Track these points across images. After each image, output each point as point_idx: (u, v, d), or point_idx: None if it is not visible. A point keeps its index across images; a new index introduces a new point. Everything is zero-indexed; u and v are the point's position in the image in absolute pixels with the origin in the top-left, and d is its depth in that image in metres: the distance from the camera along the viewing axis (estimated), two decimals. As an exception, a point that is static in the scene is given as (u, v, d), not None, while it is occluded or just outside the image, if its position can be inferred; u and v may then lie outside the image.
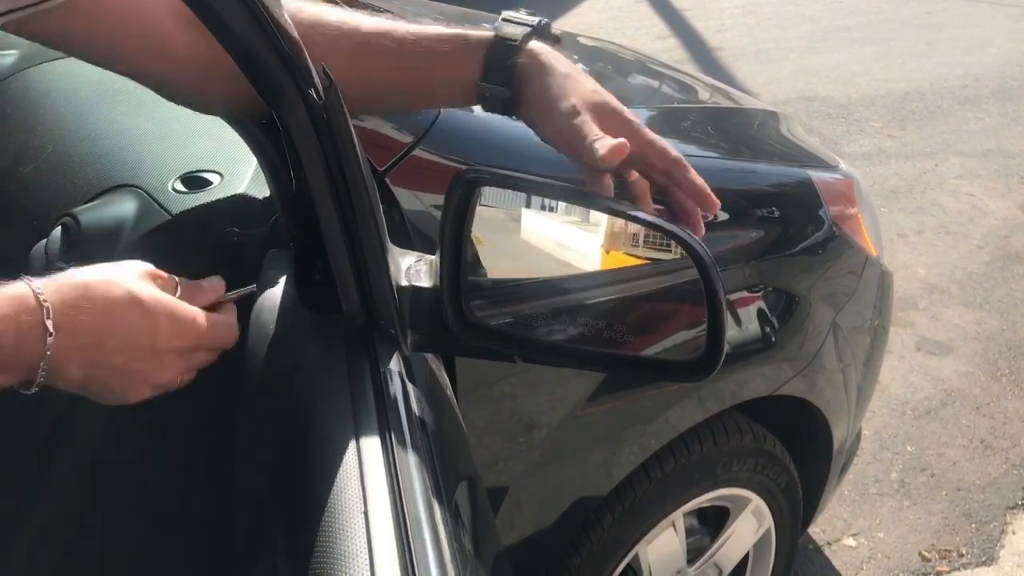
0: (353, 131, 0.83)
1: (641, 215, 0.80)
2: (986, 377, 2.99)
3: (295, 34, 0.73)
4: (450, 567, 0.65)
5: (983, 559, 2.31)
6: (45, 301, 0.64)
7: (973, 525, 2.41)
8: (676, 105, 1.96)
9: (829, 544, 2.33)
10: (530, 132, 1.34)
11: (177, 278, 0.78)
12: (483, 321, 0.97)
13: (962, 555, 2.32)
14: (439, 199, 0.91)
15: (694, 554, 1.74)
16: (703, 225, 0.86)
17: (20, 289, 0.64)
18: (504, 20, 0.91)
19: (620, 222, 0.87)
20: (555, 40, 0.94)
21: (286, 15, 0.75)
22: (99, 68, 1.56)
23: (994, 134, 5.01)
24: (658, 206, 0.88)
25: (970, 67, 6.06)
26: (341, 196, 0.82)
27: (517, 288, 1.08)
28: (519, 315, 1.00)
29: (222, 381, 0.90)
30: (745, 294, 1.50)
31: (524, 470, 1.31)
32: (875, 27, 7.05)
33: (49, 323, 0.64)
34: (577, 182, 0.88)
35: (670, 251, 0.82)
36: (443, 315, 0.91)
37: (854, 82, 5.74)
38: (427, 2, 2.45)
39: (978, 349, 3.13)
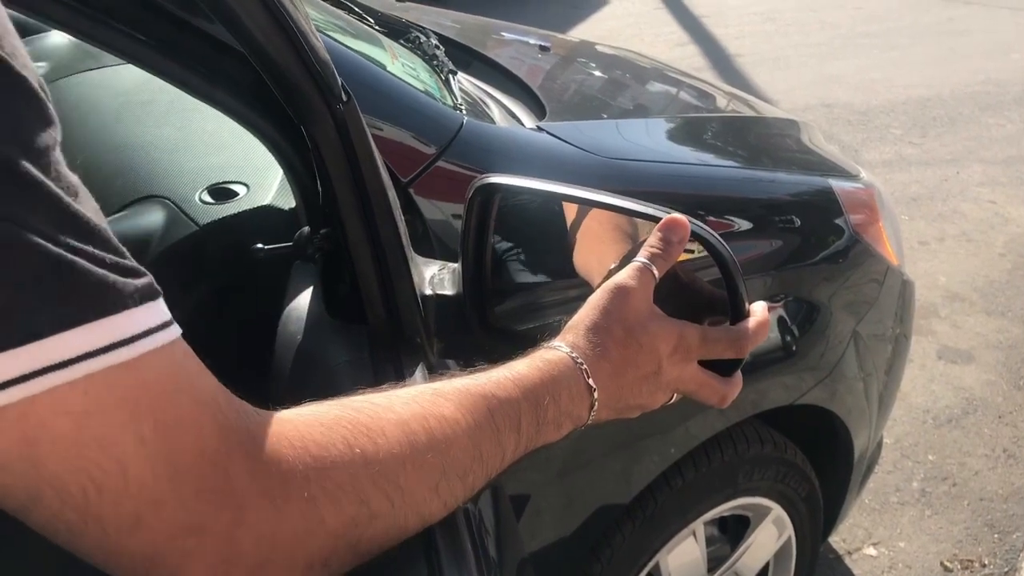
0: (373, 145, 0.84)
1: (656, 213, 0.80)
2: (1008, 386, 2.97)
3: (325, 54, 0.75)
4: (475, 573, 0.66)
5: (1005, 569, 2.29)
6: (582, 364, 0.70)
7: (996, 535, 2.39)
8: (695, 114, 1.97)
9: (850, 553, 2.32)
10: (550, 142, 1.36)
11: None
12: (508, 326, 0.99)
13: (984, 565, 2.30)
14: (462, 209, 0.92)
15: (715, 563, 1.74)
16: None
17: (559, 355, 0.70)
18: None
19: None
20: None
21: (316, 32, 0.77)
22: (127, 80, 1.59)
23: (1016, 141, 4.97)
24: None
25: (991, 73, 6.03)
26: (366, 208, 0.84)
27: (541, 292, 1.09)
28: (544, 319, 1.01)
29: (248, 390, 0.91)
30: (766, 303, 1.50)
31: (545, 479, 1.32)
32: (895, 33, 7.02)
33: (591, 381, 0.70)
34: (589, 186, 0.89)
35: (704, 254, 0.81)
36: (467, 322, 0.92)
37: (874, 89, 5.72)
38: (442, 11, 2.47)
39: (1000, 358, 3.11)
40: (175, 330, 0.47)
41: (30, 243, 0.40)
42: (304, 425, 0.53)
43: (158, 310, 0.46)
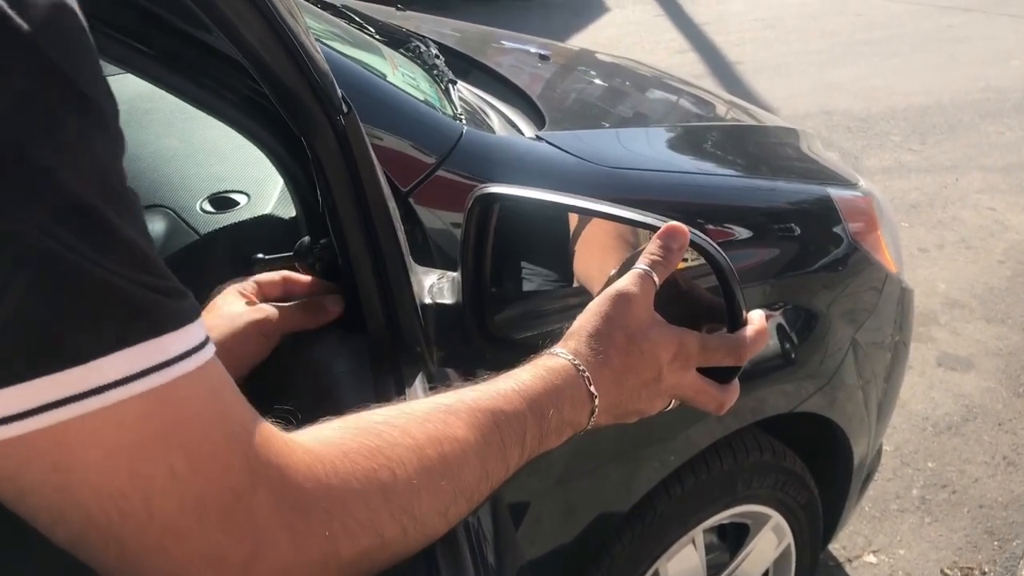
0: (373, 155, 0.85)
1: (654, 222, 0.81)
2: (1008, 393, 2.97)
3: (325, 65, 0.76)
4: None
5: (1006, 577, 2.30)
6: (584, 371, 0.70)
7: (995, 543, 2.39)
8: (695, 123, 1.97)
9: (849, 561, 2.32)
10: (549, 151, 1.36)
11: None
12: (507, 335, 0.99)
13: (984, 573, 2.30)
14: (462, 218, 0.93)
15: (714, 570, 1.74)
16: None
17: (562, 363, 0.71)
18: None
19: None
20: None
21: (315, 43, 0.78)
22: (128, 89, 1.60)
23: (1016, 148, 4.98)
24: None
25: (991, 80, 6.04)
26: (366, 218, 0.85)
27: (540, 301, 1.10)
28: (543, 327, 1.01)
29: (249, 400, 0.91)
30: (765, 311, 1.50)
31: (544, 486, 1.32)
32: (895, 40, 7.04)
33: (592, 388, 0.70)
34: (590, 196, 0.90)
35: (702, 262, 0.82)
36: (467, 331, 0.93)
37: (874, 96, 5.73)
38: (442, 19, 2.47)
39: (1000, 365, 3.11)
40: (211, 348, 0.47)
41: (76, 267, 0.40)
42: (327, 457, 0.53)
43: (198, 331, 0.46)
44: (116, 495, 0.43)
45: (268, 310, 0.89)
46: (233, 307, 0.88)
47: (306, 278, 0.95)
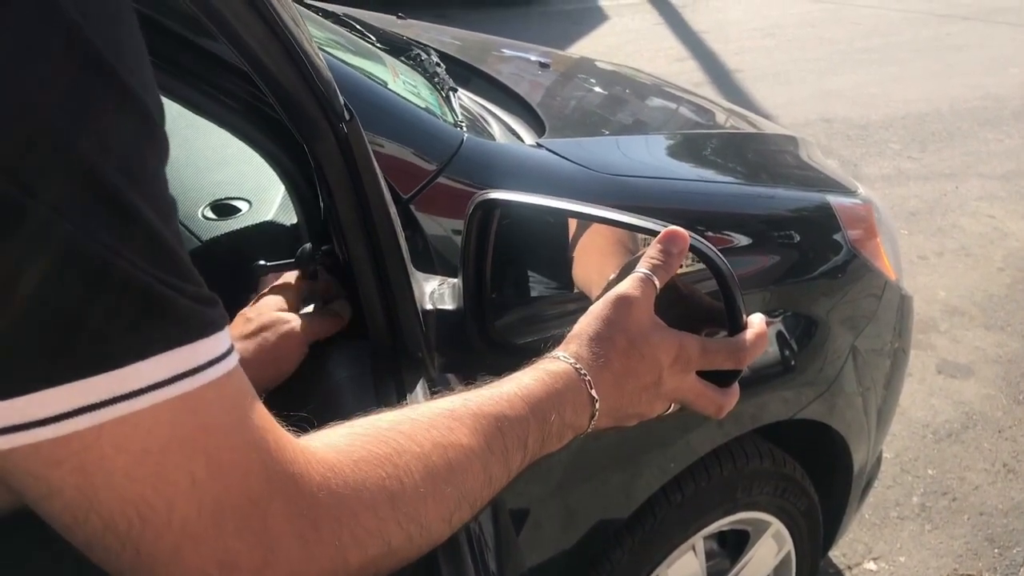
0: (375, 162, 0.85)
1: (654, 227, 0.81)
2: (1008, 400, 2.97)
3: (327, 72, 0.76)
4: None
5: (1006, 584, 2.29)
6: (585, 375, 0.71)
7: (996, 550, 2.39)
8: (695, 131, 1.98)
9: (850, 568, 2.32)
10: (550, 159, 1.37)
11: None
12: (508, 340, 1.00)
13: (985, 580, 2.30)
14: (462, 224, 0.93)
15: (714, 577, 1.74)
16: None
17: (563, 366, 0.71)
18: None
19: None
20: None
21: (318, 50, 0.78)
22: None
23: (1015, 155, 4.99)
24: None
25: (990, 88, 6.05)
26: (367, 224, 0.85)
27: (540, 306, 1.10)
28: (544, 332, 1.01)
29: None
30: (764, 316, 1.50)
31: (544, 492, 1.32)
32: (894, 48, 7.06)
33: (593, 392, 0.71)
34: (589, 202, 0.90)
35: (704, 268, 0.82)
36: (468, 336, 0.93)
37: (873, 103, 5.75)
38: (442, 28, 2.48)
39: (999, 372, 3.11)
40: (235, 356, 0.48)
41: (122, 273, 0.40)
42: (338, 466, 0.53)
43: (225, 338, 0.47)
44: (138, 500, 0.44)
45: (304, 319, 0.91)
46: (277, 315, 0.90)
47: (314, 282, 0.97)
